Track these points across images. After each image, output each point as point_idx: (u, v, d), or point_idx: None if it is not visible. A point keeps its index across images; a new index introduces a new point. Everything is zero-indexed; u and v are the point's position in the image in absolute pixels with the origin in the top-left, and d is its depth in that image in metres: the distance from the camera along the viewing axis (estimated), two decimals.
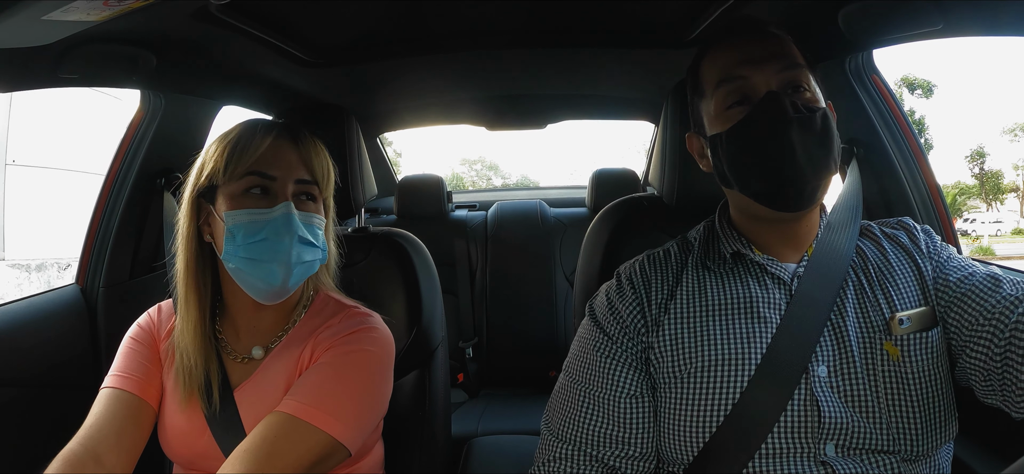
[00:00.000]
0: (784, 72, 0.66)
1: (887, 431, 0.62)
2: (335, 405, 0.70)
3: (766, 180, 0.65)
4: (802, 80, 0.66)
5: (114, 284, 1.16)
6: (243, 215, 0.72)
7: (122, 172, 1.17)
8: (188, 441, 0.76)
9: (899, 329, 0.64)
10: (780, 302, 0.68)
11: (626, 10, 1.06)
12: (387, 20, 1.09)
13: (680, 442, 0.66)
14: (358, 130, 1.08)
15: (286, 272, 0.73)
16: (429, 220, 2.07)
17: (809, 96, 0.66)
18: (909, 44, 0.88)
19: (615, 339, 0.70)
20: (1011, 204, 23.94)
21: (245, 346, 0.80)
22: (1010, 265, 0.93)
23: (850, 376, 0.64)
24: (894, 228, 0.74)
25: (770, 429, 0.62)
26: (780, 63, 0.66)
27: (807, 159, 0.63)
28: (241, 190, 0.73)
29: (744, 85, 0.66)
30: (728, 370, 0.64)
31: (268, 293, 0.74)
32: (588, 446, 0.68)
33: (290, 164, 0.75)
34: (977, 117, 41.86)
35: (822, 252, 0.69)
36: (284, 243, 0.72)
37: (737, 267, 0.71)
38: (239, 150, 0.74)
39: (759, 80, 0.66)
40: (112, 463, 0.70)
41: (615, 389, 0.68)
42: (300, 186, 0.76)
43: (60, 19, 0.62)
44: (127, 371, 0.77)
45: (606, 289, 0.76)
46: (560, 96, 1.84)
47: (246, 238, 0.72)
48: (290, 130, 0.78)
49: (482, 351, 2.02)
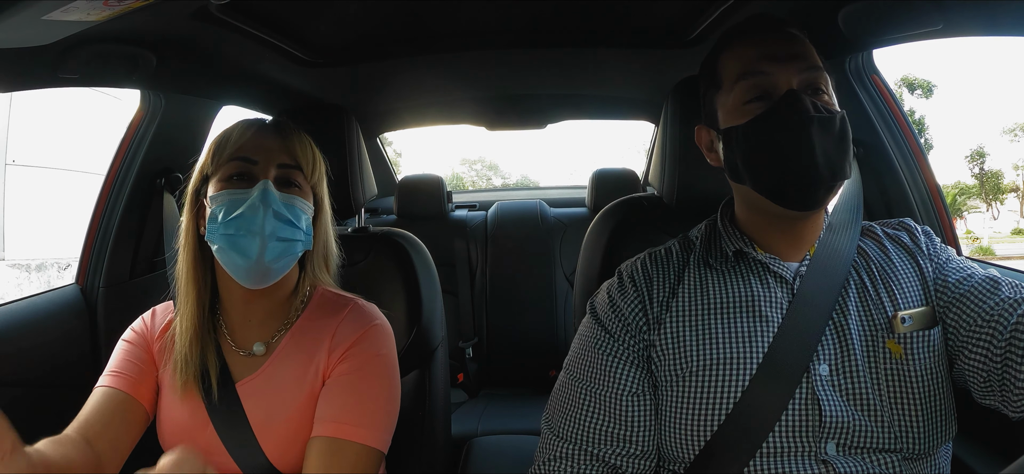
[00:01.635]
0: (805, 72, 0.66)
1: (888, 430, 0.62)
2: (365, 416, 0.74)
3: (782, 177, 0.65)
4: (821, 82, 0.66)
5: (114, 284, 1.16)
6: (224, 196, 0.74)
7: (122, 172, 1.17)
8: (189, 436, 0.76)
9: (902, 327, 0.64)
10: (782, 301, 0.68)
11: (626, 10, 1.06)
12: (387, 20, 1.09)
13: (681, 441, 0.66)
14: (358, 130, 1.08)
15: (261, 245, 0.72)
16: (429, 220, 2.07)
17: (827, 99, 0.66)
18: (909, 44, 0.88)
19: (617, 337, 0.70)
20: (1011, 204, 23.95)
21: (245, 341, 0.80)
22: (1010, 265, 0.93)
23: (852, 374, 0.64)
24: (896, 229, 0.74)
25: (771, 428, 0.62)
26: (802, 63, 0.66)
27: (825, 159, 0.63)
28: (226, 175, 0.76)
29: (765, 81, 0.66)
30: (729, 369, 0.64)
31: (247, 271, 0.74)
32: (589, 444, 0.68)
33: (271, 149, 0.78)
34: (977, 117, 41.92)
35: (824, 251, 0.69)
36: (258, 215, 0.73)
37: (739, 265, 0.71)
38: (225, 142, 0.77)
39: (781, 78, 0.66)
40: (102, 449, 0.71)
41: (616, 386, 0.68)
42: (282, 170, 0.78)
43: (60, 19, 0.62)
44: (120, 370, 0.78)
45: (608, 287, 0.75)
46: (560, 96, 1.84)
47: (225, 216, 0.73)
48: (276, 124, 0.81)
49: (482, 351, 2.02)
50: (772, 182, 0.66)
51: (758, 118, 0.65)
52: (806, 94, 0.65)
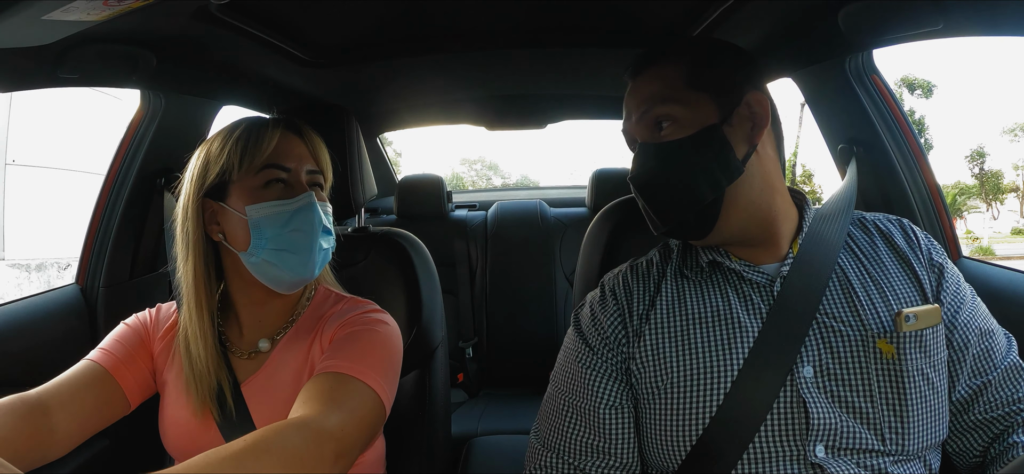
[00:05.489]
0: (644, 117, 0.69)
1: (878, 431, 0.61)
2: (373, 363, 0.71)
3: (649, 222, 0.72)
4: (663, 115, 0.68)
5: (114, 284, 1.16)
6: (268, 208, 0.74)
7: (122, 172, 1.17)
8: (193, 437, 0.76)
9: (905, 326, 0.63)
10: (760, 306, 0.67)
11: (626, 10, 1.06)
12: (387, 20, 1.09)
13: (664, 451, 0.66)
14: (358, 130, 1.08)
15: (314, 260, 0.76)
16: (429, 220, 2.07)
17: (670, 129, 0.67)
18: (909, 44, 0.88)
19: (597, 351, 0.71)
20: (1011, 204, 23.94)
21: (250, 341, 0.80)
22: (1010, 265, 0.93)
23: (838, 376, 0.63)
24: (889, 223, 0.73)
25: (755, 433, 0.62)
26: (641, 108, 0.70)
27: (660, 208, 0.69)
28: (260, 183, 0.75)
29: (628, 137, 0.74)
30: (708, 379, 0.64)
31: (292, 283, 0.77)
32: (570, 455, 0.68)
33: (301, 155, 0.78)
34: (977, 117, 41.92)
35: (808, 251, 0.68)
36: (313, 232, 0.75)
37: (714, 275, 0.71)
38: (252, 145, 0.75)
39: (632, 130, 0.72)
40: (59, 420, 0.68)
41: (595, 399, 0.69)
42: (310, 176, 0.79)
43: (60, 19, 0.62)
44: (110, 349, 0.77)
45: (591, 300, 0.76)
46: (560, 96, 1.84)
47: (276, 230, 0.73)
48: (292, 124, 0.81)
49: (482, 351, 2.02)
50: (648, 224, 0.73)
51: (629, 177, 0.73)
52: (649, 136, 0.70)
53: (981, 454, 0.67)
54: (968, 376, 0.67)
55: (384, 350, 0.74)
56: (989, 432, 0.66)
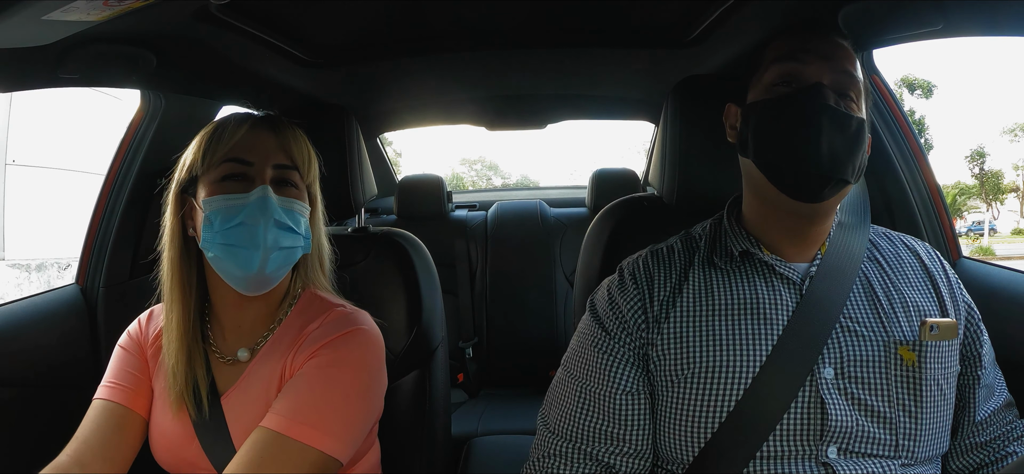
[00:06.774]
0: (837, 74, 0.66)
1: (893, 435, 0.62)
2: (323, 418, 0.68)
3: (783, 156, 0.65)
4: (851, 88, 0.66)
5: (114, 284, 1.16)
6: (220, 201, 0.71)
7: (122, 172, 1.17)
8: (176, 449, 0.75)
9: (929, 336, 0.64)
10: (788, 303, 0.67)
11: (626, 10, 1.06)
12: (387, 20, 1.09)
13: (680, 442, 0.65)
14: (358, 130, 1.08)
15: (263, 257, 0.70)
16: (429, 220, 2.07)
17: (853, 106, 0.66)
18: (909, 44, 0.88)
19: (614, 336, 0.70)
20: (1011, 204, 23.94)
21: (231, 347, 0.78)
22: (1010, 265, 0.93)
23: (858, 379, 0.63)
24: (915, 242, 0.75)
25: (772, 431, 0.62)
26: (838, 64, 0.66)
27: (829, 153, 0.63)
28: (219, 177, 0.73)
29: (797, 69, 0.67)
30: (731, 372, 0.64)
31: (246, 281, 0.72)
32: (584, 442, 0.68)
33: (267, 149, 0.75)
34: (977, 117, 41.92)
35: (835, 252, 0.69)
36: (259, 226, 0.70)
37: (744, 266, 0.71)
38: (216, 139, 0.74)
39: (812, 70, 0.66)
40: (98, 471, 0.70)
41: (612, 385, 0.68)
42: (279, 171, 0.75)
43: (60, 19, 0.62)
44: (116, 380, 0.77)
45: (608, 284, 0.75)
46: (560, 96, 1.84)
47: (223, 224, 0.70)
48: (268, 119, 0.78)
49: (482, 351, 2.02)
50: (773, 159, 0.66)
51: (777, 98, 0.66)
52: (832, 90, 0.65)
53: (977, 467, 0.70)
54: (981, 400, 0.70)
55: (347, 393, 0.71)
56: (988, 450, 0.69)
